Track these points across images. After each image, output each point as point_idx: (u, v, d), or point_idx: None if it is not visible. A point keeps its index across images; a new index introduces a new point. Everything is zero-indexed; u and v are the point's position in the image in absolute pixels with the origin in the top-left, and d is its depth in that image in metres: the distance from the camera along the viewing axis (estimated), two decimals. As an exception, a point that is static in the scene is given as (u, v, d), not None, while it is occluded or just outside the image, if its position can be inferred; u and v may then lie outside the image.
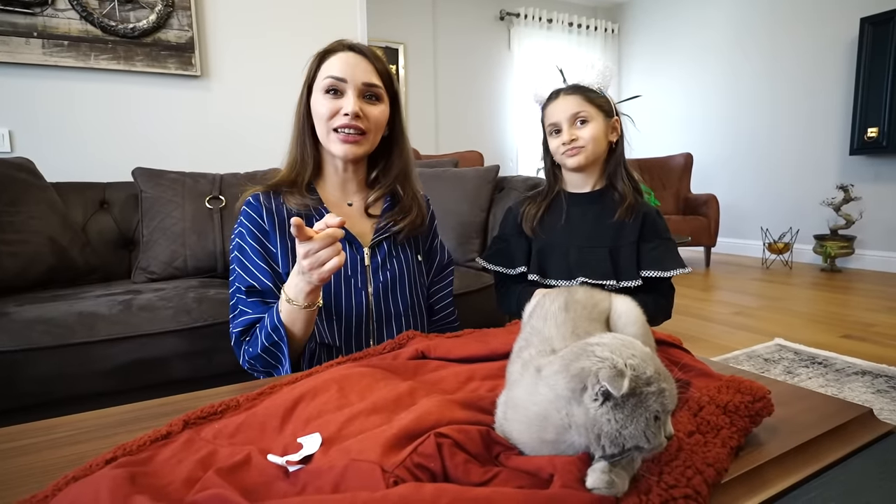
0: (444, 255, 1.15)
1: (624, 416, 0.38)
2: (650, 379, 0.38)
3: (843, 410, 0.61)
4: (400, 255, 1.03)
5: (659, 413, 0.39)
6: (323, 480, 0.43)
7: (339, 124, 0.94)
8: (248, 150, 2.30)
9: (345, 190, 1.04)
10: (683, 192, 4.64)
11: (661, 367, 0.41)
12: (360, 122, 0.94)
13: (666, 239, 1.15)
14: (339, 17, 2.52)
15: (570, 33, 5.70)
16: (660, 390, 0.38)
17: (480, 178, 2.00)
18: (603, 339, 0.43)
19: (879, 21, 3.73)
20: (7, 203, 1.52)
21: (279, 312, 0.85)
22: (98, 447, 0.55)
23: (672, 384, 0.40)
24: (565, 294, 0.59)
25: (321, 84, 0.95)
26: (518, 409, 0.46)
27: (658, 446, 0.39)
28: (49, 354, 1.16)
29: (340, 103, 0.94)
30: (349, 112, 0.92)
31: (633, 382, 0.38)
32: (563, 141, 1.12)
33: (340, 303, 0.95)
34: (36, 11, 1.94)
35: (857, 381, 1.82)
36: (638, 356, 0.40)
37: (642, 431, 0.38)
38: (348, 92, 0.94)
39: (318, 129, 0.97)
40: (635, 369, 0.38)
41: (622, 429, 0.38)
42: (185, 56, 2.20)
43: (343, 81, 0.94)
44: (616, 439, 0.38)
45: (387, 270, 1.00)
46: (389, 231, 1.01)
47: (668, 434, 0.39)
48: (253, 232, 0.96)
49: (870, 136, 3.81)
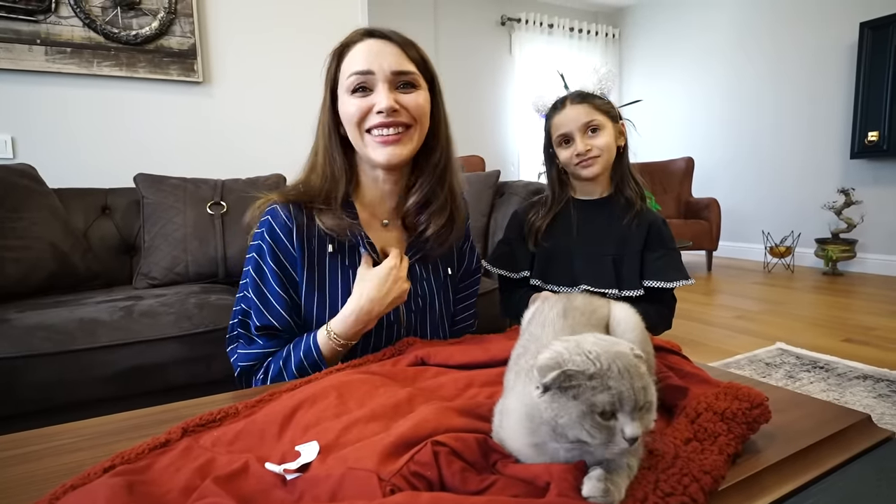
0: (474, 261, 1.07)
1: (559, 406, 0.40)
2: (593, 374, 0.39)
3: (840, 417, 0.61)
4: (430, 276, 0.94)
5: (603, 409, 0.39)
6: (320, 489, 0.43)
7: (373, 124, 0.80)
8: (249, 155, 2.31)
9: (382, 204, 0.91)
10: (685, 195, 4.63)
11: (635, 369, 0.41)
12: (399, 117, 0.80)
13: (671, 249, 1.14)
14: (341, 23, 2.54)
15: (571, 38, 5.72)
16: (605, 387, 0.39)
17: (481, 182, 2.00)
18: (584, 337, 0.44)
19: (879, 25, 3.73)
20: (9, 209, 1.53)
21: (318, 346, 0.81)
22: (96, 455, 0.55)
23: (638, 385, 0.40)
24: (564, 301, 0.60)
25: (346, 84, 0.81)
26: (510, 413, 0.47)
27: (612, 446, 0.39)
28: (50, 361, 1.17)
29: (372, 100, 0.80)
30: (383, 108, 0.78)
31: (565, 375, 0.40)
32: (577, 151, 1.10)
33: (369, 338, 0.88)
34: (39, 19, 1.96)
35: (858, 385, 1.81)
36: (596, 354, 0.40)
37: (578, 423, 0.39)
38: (378, 85, 0.80)
39: (352, 136, 0.84)
40: (578, 365, 0.40)
41: (558, 418, 0.40)
42: (188, 63, 2.22)
43: (370, 74, 0.80)
44: (556, 428, 0.40)
45: (419, 297, 0.92)
46: (422, 251, 0.92)
47: (627, 436, 0.39)
48: (276, 254, 0.84)
49: (870, 140, 3.81)
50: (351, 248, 0.88)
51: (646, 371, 0.42)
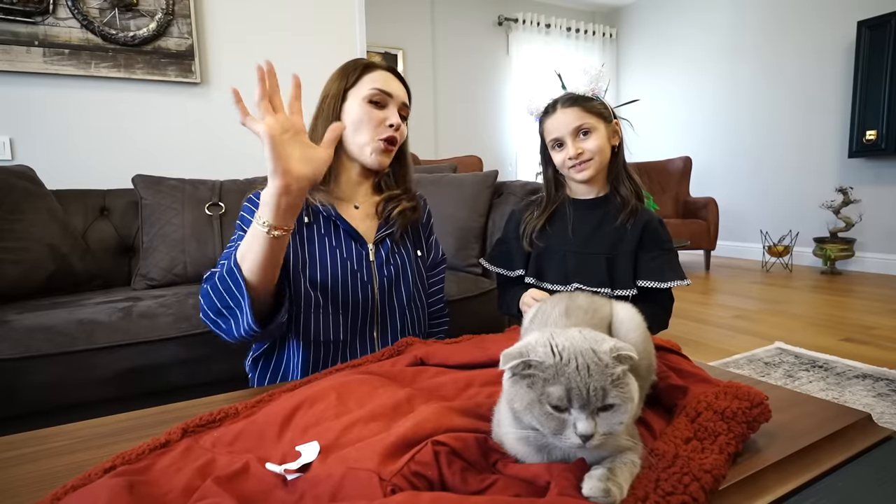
0: (438, 253, 1.19)
1: (514, 391, 0.43)
2: (549, 366, 0.41)
3: (841, 416, 0.61)
4: (402, 250, 1.07)
5: (553, 401, 0.40)
6: (321, 489, 0.43)
7: (386, 135, 0.99)
8: (247, 156, 2.30)
9: (354, 191, 1.06)
10: (682, 195, 4.64)
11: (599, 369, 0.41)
12: (398, 135, 1.01)
13: (667, 249, 1.14)
14: (339, 23, 2.54)
15: (568, 38, 5.73)
16: (557, 380, 0.41)
17: (479, 183, 2.00)
18: (568, 331, 0.45)
19: (876, 24, 3.74)
20: (8, 211, 1.52)
21: (252, 237, 0.77)
22: (97, 456, 0.55)
23: (595, 385, 0.40)
24: (566, 300, 0.60)
25: (365, 92, 0.98)
26: (503, 407, 0.47)
27: (563, 438, 0.41)
28: (49, 362, 1.16)
29: (385, 114, 0.99)
30: (395, 123, 0.99)
31: (525, 364, 0.42)
32: (569, 155, 1.11)
33: (348, 297, 0.97)
34: (37, 20, 1.95)
35: (857, 384, 1.81)
36: (562, 347, 0.42)
37: (528, 409, 0.42)
38: (391, 107, 1.00)
39: (354, 136, 0.99)
40: (539, 355, 0.42)
41: (513, 402, 0.43)
42: (185, 63, 2.21)
43: (390, 96, 1.00)
44: (515, 412, 0.43)
45: (390, 265, 1.03)
46: (391, 228, 1.05)
47: (578, 431, 0.40)
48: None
49: (868, 139, 3.82)
50: (325, 219, 1.00)
51: (622, 373, 0.42)
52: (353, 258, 0.99)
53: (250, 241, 0.77)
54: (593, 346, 0.42)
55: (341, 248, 0.99)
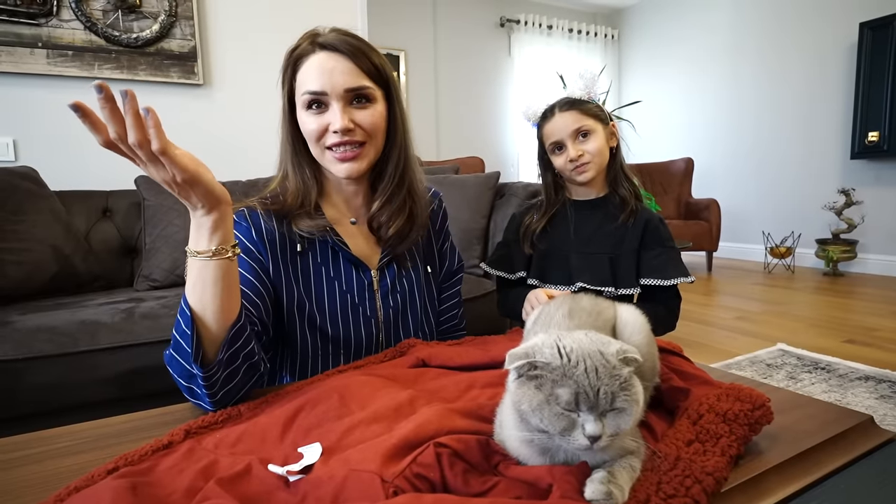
0: (455, 261, 1.09)
1: (522, 392, 0.42)
2: (557, 368, 0.41)
3: (843, 418, 0.61)
4: (409, 273, 0.94)
5: (562, 402, 0.40)
6: (323, 490, 0.43)
7: (331, 143, 0.82)
8: (250, 157, 2.31)
9: (350, 205, 0.93)
10: (684, 196, 4.63)
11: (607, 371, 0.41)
12: (354, 135, 0.82)
13: (669, 247, 1.15)
14: (341, 25, 2.53)
15: (570, 39, 5.73)
16: (566, 381, 0.41)
17: (481, 184, 2.01)
18: (575, 333, 0.45)
19: (878, 25, 3.74)
20: (11, 212, 1.53)
21: (187, 273, 0.66)
22: (100, 457, 0.55)
23: (604, 388, 0.40)
24: (570, 301, 0.60)
25: (301, 100, 0.83)
26: (506, 409, 0.47)
27: (571, 440, 0.40)
28: (51, 363, 1.17)
29: (327, 118, 0.81)
30: (338, 128, 0.80)
31: (531, 365, 0.42)
32: (569, 158, 1.12)
33: (350, 336, 0.87)
34: (41, 22, 1.96)
35: (860, 386, 1.81)
36: (570, 349, 0.42)
37: (538, 412, 0.41)
38: (332, 104, 0.81)
39: (312, 150, 0.86)
40: (546, 357, 0.42)
41: (520, 404, 0.42)
42: (188, 65, 2.22)
43: (323, 94, 0.81)
44: (522, 413, 0.42)
45: (396, 293, 0.92)
46: (395, 251, 0.92)
47: (587, 432, 0.40)
48: (248, 248, 0.82)
49: (870, 140, 3.81)
50: (322, 244, 0.88)
51: (628, 376, 0.42)
52: (355, 289, 0.88)
53: (201, 283, 0.65)
54: (601, 349, 0.42)
55: (341, 279, 0.88)
